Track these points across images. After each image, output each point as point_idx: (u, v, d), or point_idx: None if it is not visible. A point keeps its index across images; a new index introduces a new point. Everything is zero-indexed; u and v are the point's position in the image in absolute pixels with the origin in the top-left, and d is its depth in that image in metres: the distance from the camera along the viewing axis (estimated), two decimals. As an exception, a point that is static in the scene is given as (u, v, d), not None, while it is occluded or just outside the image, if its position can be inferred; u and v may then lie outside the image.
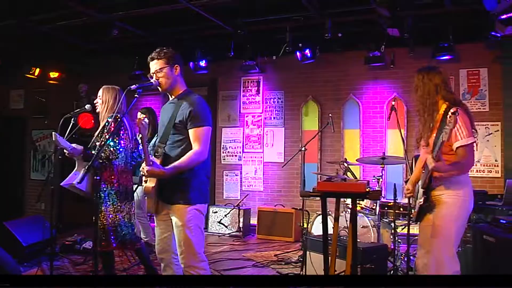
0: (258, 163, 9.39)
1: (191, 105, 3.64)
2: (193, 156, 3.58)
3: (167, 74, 3.73)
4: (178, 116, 3.65)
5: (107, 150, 4.47)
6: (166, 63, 3.73)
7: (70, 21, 7.80)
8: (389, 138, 8.39)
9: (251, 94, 9.54)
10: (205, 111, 3.70)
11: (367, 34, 8.11)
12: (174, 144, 3.68)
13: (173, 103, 3.80)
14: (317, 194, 4.16)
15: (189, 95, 3.79)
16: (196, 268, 3.60)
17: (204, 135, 3.64)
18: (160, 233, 3.82)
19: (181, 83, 3.84)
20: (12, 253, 5.38)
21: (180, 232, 3.60)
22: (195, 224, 3.63)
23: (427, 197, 3.80)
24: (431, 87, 3.98)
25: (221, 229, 8.72)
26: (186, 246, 3.59)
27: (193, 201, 3.62)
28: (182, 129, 3.65)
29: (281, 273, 5.98)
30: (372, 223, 6.17)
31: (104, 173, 4.62)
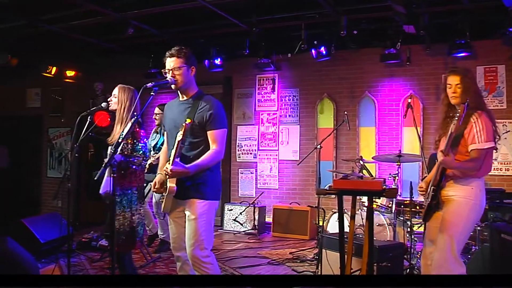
0: (273, 161, 9.38)
1: (211, 108, 3.74)
2: (214, 155, 3.72)
3: (183, 73, 3.78)
4: (197, 118, 3.73)
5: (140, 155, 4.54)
6: (184, 62, 3.78)
7: (86, 20, 7.85)
8: (405, 136, 8.33)
9: (266, 92, 9.53)
10: (223, 114, 3.84)
11: (382, 31, 8.06)
12: (192, 145, 3.75)
13: (187, 103, 3.84)
14: (333, 192, 4.15)
15: (205, 96, 3.87)
16: (203, 263, 3.66)
17: (222, 136, 3.78)
18: (175, 231, 3.90)
19: (194, 84, 3.92)
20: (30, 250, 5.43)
21: (191, 224, 3.69)
22: (207, 219, 3.73)
23: (435, 194, 3.78)
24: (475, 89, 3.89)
25: (236, 226, 8.73)
26: (195, 239, 3.66)
27: (207, 197, 3.74)
28: (199, 131, 3.73)
29: (297, 271, 5.98)
30: (388, 221, 6.14)
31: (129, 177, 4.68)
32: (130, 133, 4.53)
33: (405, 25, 7.19)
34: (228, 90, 9.78)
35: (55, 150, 11.83)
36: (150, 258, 6.51)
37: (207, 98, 3.84)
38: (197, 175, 3.69)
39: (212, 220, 3.80)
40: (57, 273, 5.71)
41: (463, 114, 3.56)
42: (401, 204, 6.34)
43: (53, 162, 11.87)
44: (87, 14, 7.63)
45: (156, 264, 6.36)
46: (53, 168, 11.86)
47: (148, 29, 8.17)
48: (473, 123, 3.69)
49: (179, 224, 3.87)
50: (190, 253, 3.68)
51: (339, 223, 4.25)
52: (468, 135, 3.70)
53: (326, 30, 8.11)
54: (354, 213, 4.33)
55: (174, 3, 7.06)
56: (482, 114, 3.71)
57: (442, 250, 3.67)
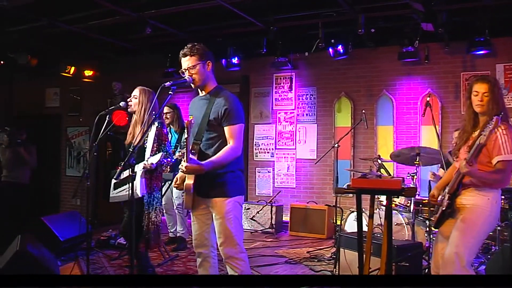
0: (291, 160, 9.37)
1: (226, 103, 3.70)
2: (229, 151, 3.66)
3: (199, 70, 3.77)
4: (213, 114, 3.71)
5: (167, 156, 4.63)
6: (199, 59, 3.76)
7: (104, 20, 7.92)
8: (423, 135, 8.27)
9: (283, 90, 9.52)
10: (239, 109, 3.77)
11: (400, 29, 8.00)
12: (209, 141, 3.74)
13: (205, 99, 3.84)
14: (351, 191, 4.13)
15: (222, 91, 3.83)
16: (237, 259, 3.68)
17: (238, 132, 3.72)
18: (198, 228, 3.88)
19: (212, 79, 3.89)
20: (49, 248, 5.51)
21: (220, 224, 3.68)
22: (234, 216, 3.71)
23: (451, 203, 3.73)
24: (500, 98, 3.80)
25: (253, 225, 8.73)
26: (226, 237, 3.66)
27: (230, 194, 3.71)
28: (216, 127, 3.71)
29: (314, 270, 5.97)
30: (406, 221, 6.11)
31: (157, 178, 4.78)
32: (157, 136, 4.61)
33: (423, 23, 7.13)
34: (245, 89, 9.78)
35: (74, 149, 11.94)
36: (168, 256, 6.54)
37: (224, 93, 3.80)
38: (217, 176, 3.68)
39: (239, 215, 3.80)
40: (76, 270, 5.78)
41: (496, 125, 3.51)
42: (420, 203, 6.29)
43: (72, 161, 11.99)
44: (105, 14, 7.70)
45: (174, 263, 6.38)
46: (71, 167, 11.98)
47: (165, 29, 8.22)
48: (498, 134, 3.61)
49: (201, 222, 3.85)
50: (223, 251, 3.69)
51: (358, 222, 4.23)
52: (492, 146, 3.63)
53: (344, 29, 8.09)
54: (373, 212, 4.31)
55: (191, 3, 7.09)
56: (508, 126, 3.64)
57: (452, 260, 3.62)
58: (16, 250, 4.58)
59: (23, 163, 7.45)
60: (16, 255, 4.52)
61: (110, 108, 4.99)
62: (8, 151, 7.41)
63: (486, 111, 3.74)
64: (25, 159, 7.42)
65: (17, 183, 7.47)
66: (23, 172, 7.53)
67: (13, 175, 7.44)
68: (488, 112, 3.71)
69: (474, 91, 3.79)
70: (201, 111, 3.80)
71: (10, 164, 7.43)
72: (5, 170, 7.48)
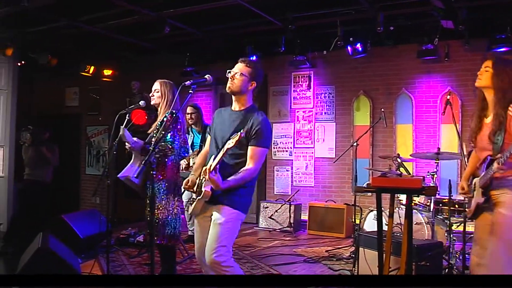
0: (309, 159, 9.35)
1: (259, 124, 3.71)
2: (248, 174, 3.68)
3: (243, 80, 3.78)
4: (244, 131, 3.67)
5: (164, 145, 4.58)
6: (249, 73, 3.80)
7: (123, 20, 7.97)
8: (443, 133, 8.20)
9: (301, 89, 9.50)
10: (269, 134, 3.81)
11: (420, 26, 7.94)
12: (234, 155, 3.71)
13: (238, 114, 3.83)
14: (371, 189, 4.11)
15: (257, 111, 3.83)
16: (223, 267, 3.60)
17: (261, 155, 3.75)
18: (201, 235, 3.86)
19: (249, 97, 3.88)
20: (69, 245, 5.56)
21: (216, 227, 3.65)
22: (232, 227, 3.70)
23: (487, 198, 3.66)
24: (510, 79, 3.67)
25: (271, 224, 8.73)
26: (217, 245, 3.60)
27: (238, 207, 3.71)
28: (244, 144, 3.69)
29: (333, 269, 5.95)
30: (426, 220, 6.05)
31: (161, 169, 4.75)
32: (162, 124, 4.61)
33: (443, 20, 7.07)
34: (264, 87, 9.78)
35: (93, 148, 12.06)
36: (186, 254, 6.56)
37: (259, 114, 3.80)
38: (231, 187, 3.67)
39: (236, 231, 3.76)
40: (97, 268, 5.84)
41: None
42: (440, 202, 6.24)
43: (91, 159, 12.11)
44: (124, 14, 7.76)
45: (193, 261, 6.40)
46: (91, 166, 12.10)
47: (184, 28, 8.25)
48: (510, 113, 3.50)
49: (205, 229, 3.81)
50: (209, 257, 3.60)
51: (378, 221, 4.21)
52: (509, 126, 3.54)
53: (362, 27, 8.04)
54: (393, 211, 4.28)
55: (210, 2, 7.11)
56: None
57: (493, 253, 3.56)
58: (38, 247, 4.62)
59: (46, 162, 7.54)
60: (38, 253, 4.56)
61: (130, 107, 5.02)
62: (31, 149, 7.50)
63: (483, 85, 3.72)
64: (47, 158, 7.50)
65: (40, 182, 7.56)
66: (45, 171, 7.62)
67: (35, 174, 7.53)
68: (488, 87, 3.68)
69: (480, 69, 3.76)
70: (232, 124, 3.79)
71: (32, 163, 7.52)
72: (28, 168, 7.57)
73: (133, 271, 5.88)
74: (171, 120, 4.60)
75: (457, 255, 5.56)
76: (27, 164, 7.58)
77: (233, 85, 3.80)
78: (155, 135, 4.72)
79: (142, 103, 4.95)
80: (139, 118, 7.39)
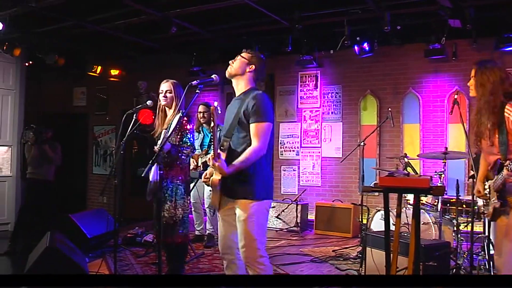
0: (316, 158, 9.34)
1: (254, 100, 3.63)
2: (252, 153, 3.59)
3: (240, 63, 3.78)
4: (243, 111, 3.65)
5: (188, 146, 4.67)
6: (247, 57, 3.80)
7: (130, 20, 7.99)
8: (451, 133, 8.17)
9: (308, 89, 9.49)
10: (266, 107, 3.67)
11: (427, 26, 7.90)
12: (239, 140, 3.68)
13: (239, 99, 3.80)
14: (379, 189, 4.10)
15: (255, 91, 3.77)
16: (258, 263, 3.59)
17: (263, 130, 3.63)
18: (224, 230, 3.81)
19: (249, 80, 3.82)
20: (77, 244, 5.58)
21: (242, 226, 3.60)
22: (258, 219, 3.62)
23: (504, 202, 3.63)
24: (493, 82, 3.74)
25: (278, 224, 8.72)
26: (247, 241, 3.58)
27: (257, 197, 3.61)
28: (246, 125, 3.64)
29: (340, 269, 5.94)
30: (433, 220, 6.03)
31: (175, 168, 4.80)
32: (178, 125, 4.65)
33: (450, 19, 7.04)
34: (270, 87, 9.77)
35: (100, 148, 12.09)
36: (194, 254, 6.57)
37: (255, 92, 3.74)
38: (244, 176, 3.61)
39: (264, 220, 3.71)
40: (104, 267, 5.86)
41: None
42: (447, 202, 6.22)
43: (98, 159, 12.14)
44: (131, 14, 7.77)
45: (200, 260, 6.42)
46: (98, 165, 12.14)
47: (190, 28, 8.26)
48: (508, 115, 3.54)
49: (227, 223, 3.77)
50: (242, 253, 3.61)
51: (385, 221, 4.20)
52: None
53: (369, 26, 8.02)
54: (400, 211, 4.26)
55: (216, 1, 7.11)
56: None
57: (506, 254, 3.54)
58: (46, 246, 4.64)
59: (48, 161, 7.56)
60: (46, 251, 4.58)
61: (137, 107, 5.03)
62: (34, 148, 7.51)
63: (475, 94, 3.84)
64: (50, 156, 7.52)
65: (43, 180, 7.57)
66: (48, 170, 7.63)
67: (38, 172, 7.54)
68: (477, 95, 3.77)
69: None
70: (234, 110, 3.76)
71: (35, 162, 7.53)
72: (30, 167, 7.58)
73: (140, 270, 5.89)
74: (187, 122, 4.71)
75: (465, 255, 5.55)
76: (30, 163, 7.60)
77: (231, 68, 3.80)
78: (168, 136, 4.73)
79: (149, 103, 4.98)
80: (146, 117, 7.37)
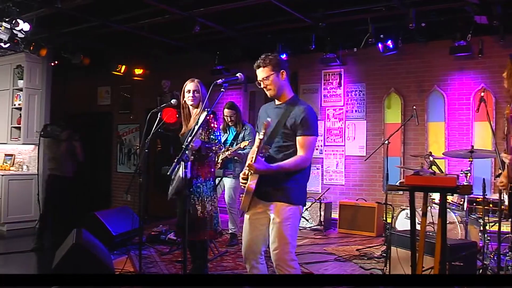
0: (340, 157, 9.30)
1: (303, 113, 3.68)
2: (299, 161, 3.66)
3: (274, 80, 3.75)
4: (289, 122, 3.70)
5: (215, 143, 4.71)
6: (272, 70, 3.74)
7: (154, 19, 8.06)
8: (476, 131, 8.06)
9: (332, 87, 9.45)
10: (315, 121, 3.76)
11: (452, 22, 7.80)
12: (281, 148, 3.72)
13: (281, 108, 3.82)
14: (405, 188, 4.06)
15: (299, 102, 3.83)
16: (288, 266, 3.63)
17: (311, 143, 3.72)
18: (249, 232, 3.82)
19: (288, 88, 3.87)
20: (102, 242, 5.65)
21: (276, 228, 3.64)
22: (293, 223, 3.68)
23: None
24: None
25: (302, 222, 8.68)
26: (280, 243, 3.62)
27: (294, 201, 3.69)
28: (290, 135, 3.70)
29: (364, 268, 5.92)
30: (459, 219, 5.97)
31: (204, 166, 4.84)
32: (204, 123, 4.68)
33: (476, 16, 6.94)
34: (294, 85, 9.71)
35: (124, 146, 12.21)
36: (217, 252, 6.60)
37: (302, 103, 3.79)
38: (282, 181, 3.66)
39: (298, 224, 3.77)
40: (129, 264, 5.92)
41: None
42: (473, 201, 6.14)
43: (123, 157, 12.26)
44: (155, 14, 7.83)
45: (224, 258, 6.44)
46: (122, 164, 12.25)
47: (214, 26, 8.28)
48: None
49: (254, 226, 3.80)
50: (275, 256, 3.64)
51: (411, 220, 4.16)
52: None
53: (393, 23, 7.95)
54: (426, 210, 4.22)
55: (239, 0, 7.11)
56: None
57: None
58: (72, 243, 4.70)
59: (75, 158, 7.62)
60: (73, 248, 4.64)
61: (161, 105, 5.07)
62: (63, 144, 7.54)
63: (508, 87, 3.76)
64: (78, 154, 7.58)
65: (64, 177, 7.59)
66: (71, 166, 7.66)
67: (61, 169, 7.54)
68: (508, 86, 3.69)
69: None
70: (275, 118, 3.77)
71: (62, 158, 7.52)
72: (53, 162, 7.55)
73: (164, 268, 5.94)
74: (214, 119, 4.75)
75: (492, 255, 5.46)
76: (54, 159, 7.56)
77: (271, 92, 3.80)
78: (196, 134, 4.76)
79: (173, 102, 5.01)
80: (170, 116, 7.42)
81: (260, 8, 7.48)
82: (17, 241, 7.88)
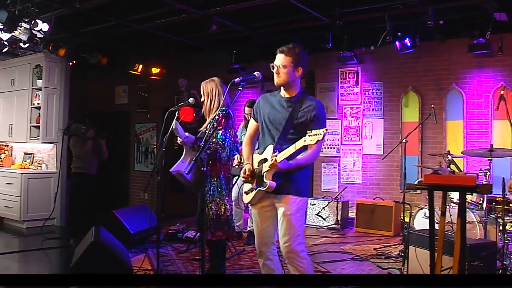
0: (357, 156, 9.26)
1: (315, 109, 3.77)
2: (313, 155, 3.77)
3: (288, 72, 3.79)
4: (300, 117, 3.76)
5: (214, 142, 4.67)
6: (291, 61, 3.77)
7: (171, 19, 8.09)
8: (496, 130, 7.96)
9: (349, 85, 9.41)
10: (324, 115, 3.87)
11: (471, 20, 7.71)
12: (293, 142, 3.70)
13: (289, 101, 3.85)
14: (423, 187, 4.04)
15: (308, 97, 3.89)
16: (300, 257, 3.72)
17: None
18: (260, 223, 3.93)
19: (297, 84, 3.91)
20: (120, 240, 5.69)
21: (287, 221, 3.72)
22: (302, 214, 3.81)
23: None
24: None
25: (319, 221, 8.70)
26: (292, 235, 3.70)
27: (302, 193, 3.81)
28: (301, 130, 3.71)
29: (382, 268, 5.89)
30: (478, 219, 5.90)
31: (213, 166, 4.82)
32: (213, 122, 4.68)
33: (496, 13, 6.87)
34: (311, 84, 9.74)
35: (142, 145, 12.27)
36: (234, 250, 6.61)
37: (311, 98, 3.87)
38: (291, 174, 3.74)
39: (305, 215, 3.89)
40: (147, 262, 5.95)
41: None
42: (493, 201, 6.07)
43: (140, 156, 12.33)
44: (171, 13, 7.86)
45: (241, 257, 6.45)
46: (139, 162, 12.32)
47: (230, 25, 8.28)
48: None
49: (264, 217, 3.91)
50: (286, 248, 3.71)
51: (430, 219, 4.13)
52: None
53: (411, 21, 7.89)
54: (445, 210, 4.19)
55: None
56: None
57: None
58: (91, 241, 4.74)
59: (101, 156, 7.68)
60: (92, 246, 4.68)
61: (179, 104, 5.09)
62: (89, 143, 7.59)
63: None
64: (104, 152, 7.64)
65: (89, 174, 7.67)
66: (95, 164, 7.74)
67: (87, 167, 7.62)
68: None
69: None
70: (285, 112, 3.83)
71: (87, 156, 7.58)
72: (79, 160, 7.61)
73: (182, 266, 5.96)
74: (222, 117, 4.69)
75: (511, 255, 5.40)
76: (79, 157, 7.63)
77: (279, 79, 3.82)
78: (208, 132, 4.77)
79: (191, 100, 5.02)
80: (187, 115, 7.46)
81: (276, 6, 7.46)
82: (35, 239, 7.95)
